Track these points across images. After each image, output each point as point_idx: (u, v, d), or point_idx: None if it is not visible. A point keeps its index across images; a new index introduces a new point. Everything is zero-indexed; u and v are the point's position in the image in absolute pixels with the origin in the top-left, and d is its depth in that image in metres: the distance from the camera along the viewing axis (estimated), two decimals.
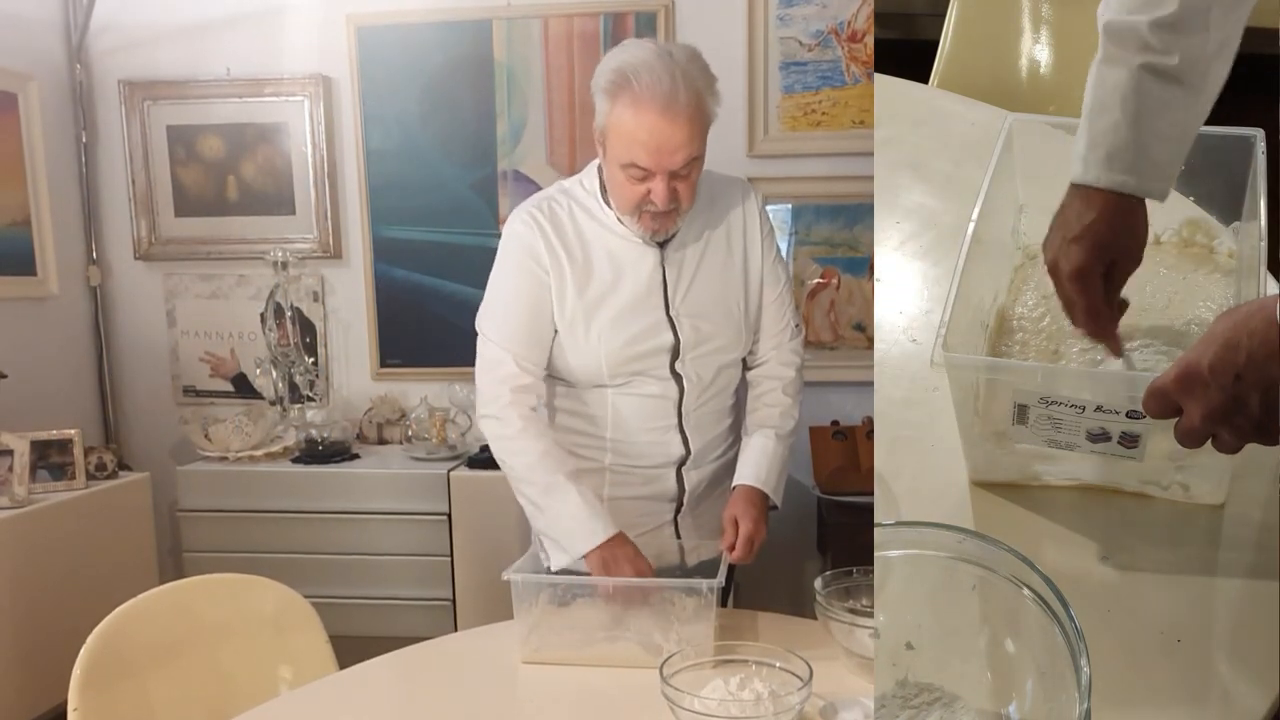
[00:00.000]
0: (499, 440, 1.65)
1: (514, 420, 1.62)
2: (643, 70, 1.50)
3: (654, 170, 1.53)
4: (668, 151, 1.51)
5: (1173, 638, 1.05)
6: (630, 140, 1.51)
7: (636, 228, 1.62)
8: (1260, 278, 1.09)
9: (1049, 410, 1.10)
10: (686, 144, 1.52)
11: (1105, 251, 1.12)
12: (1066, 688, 0.88)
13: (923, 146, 1.66)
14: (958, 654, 1.01)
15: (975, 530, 1.02)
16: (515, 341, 1.65)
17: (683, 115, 1.50)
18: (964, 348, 1.12)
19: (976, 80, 2.00)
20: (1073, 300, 1.13)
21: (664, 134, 1.50)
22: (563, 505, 1.58)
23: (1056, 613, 0.92)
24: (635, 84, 1.49)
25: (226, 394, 3.21)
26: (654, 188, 1.54)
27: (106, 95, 3.14)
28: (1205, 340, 0.92)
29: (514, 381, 1.64)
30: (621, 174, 1.55)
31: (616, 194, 1.60)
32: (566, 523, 1.58)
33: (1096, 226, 1.11)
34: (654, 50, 1.53)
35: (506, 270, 1.68)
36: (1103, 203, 1.12)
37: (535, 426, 1.64)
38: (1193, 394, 0.92)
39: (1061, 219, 1.14)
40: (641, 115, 1.50)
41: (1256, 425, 0.90)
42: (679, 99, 1.49)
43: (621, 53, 1.55)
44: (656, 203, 1.55)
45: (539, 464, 1.61)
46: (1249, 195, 1.25)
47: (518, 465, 1.63)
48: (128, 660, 1.49)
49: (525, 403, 1.64)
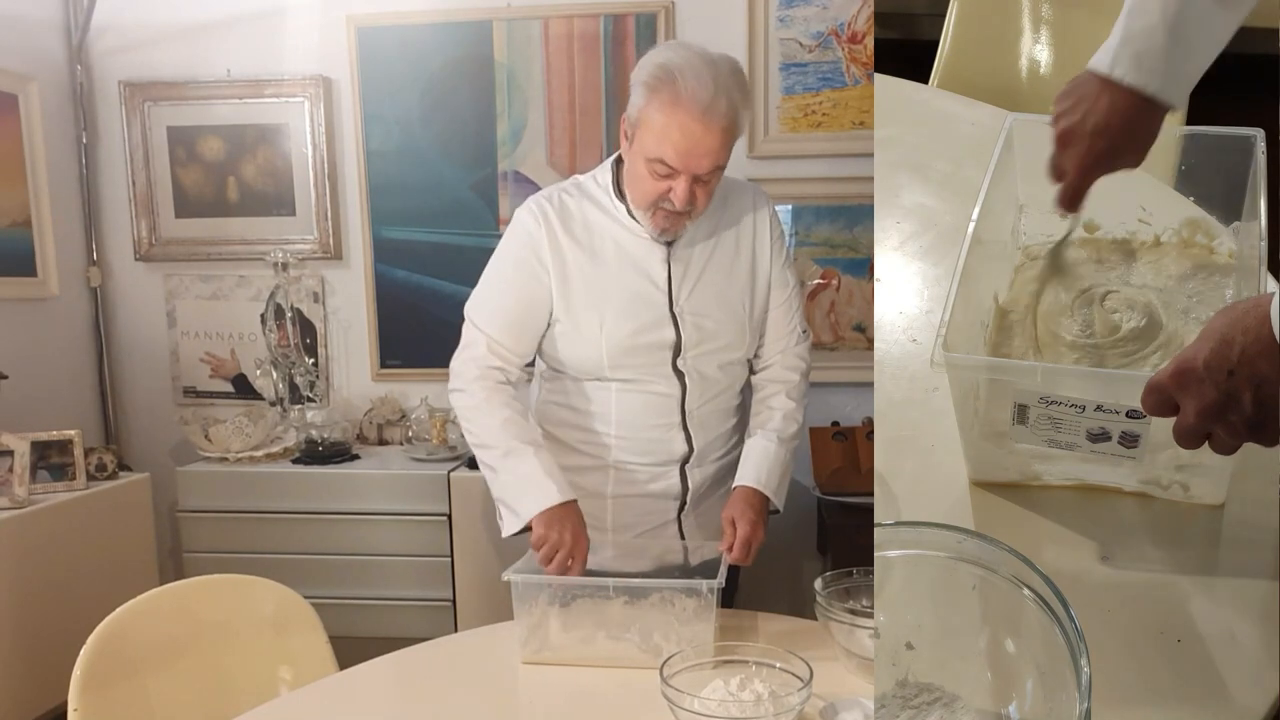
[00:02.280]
0: (463, 410, 1.69)
1: (478, 391, 1.66)
2: (689, 72, 1.51)
3: (680, 170, 1.54)
4: (697, 155, 1.53)
5: (1173, 638, 1.05)
6: (662, 137, 1.53)
7: (648, 224, 1.63)
8: (1260, 277, 1.09)
9: (1049, 410, 1.10)
10: (715, 151, 1.54)
11: (1117, 153, 1.16)
12: (1066, 688, 0.88)
13: (923, 146, 1.66)
14: (958, 654, 1.01)
15: (975, 530, 1.02)
16: (494, 328, 1.68)
17: (718, 123, 1.52)
18: (964, 348, 1.12)
19: (976, 80, 2.00)
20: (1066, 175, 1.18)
21: (697, 137, 1.52)
22: (518, 468, 1.61)
23: (1056, 613, 0.92)
24: (679, 84, 1.51)
25: (227, 395, 3.21)
26: (675, 187, 1.56)
27: (107, 96, 3.15)
28: (1202, 337, 0.92)
29: (483, 361, 1.68)
30: (645, 168, 1.57)
31: (636, 187, 1.61)
32: (519, 486, 1.60)
33: (1116, 126, 1.15)
34: (700, 55, 1.55)
35: (504, 261, 1.71)
36: (1124, 100, 1.15)
37: (500, 397, 1.66)
38: (1188, 390, 0.92)
39: (1076, 96, 1.18)
40: (678, 115, 1.51)
41: (1250, 423, 0.91)
42: (718, 107, 1.51)
43: (668, 51, 1.57)
44: (675, 202, 1.57)
45: (500, 429, 1.64)
46: (1249, 195, 1.25)
47: (478, 430, 1.66)
48: (128, 661, 1.49)
49: (491, 378, 1.67)
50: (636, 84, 1.57)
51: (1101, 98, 1.16)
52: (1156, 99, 1.15)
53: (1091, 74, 1.17)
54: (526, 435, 1.64)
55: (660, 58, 1.55)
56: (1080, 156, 1.17)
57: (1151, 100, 1.15)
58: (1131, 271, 1.33)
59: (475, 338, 1.70)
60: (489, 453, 1.64)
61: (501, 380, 1.68)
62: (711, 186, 1.60)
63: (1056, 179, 1.21)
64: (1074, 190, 1.20)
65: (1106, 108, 1.15)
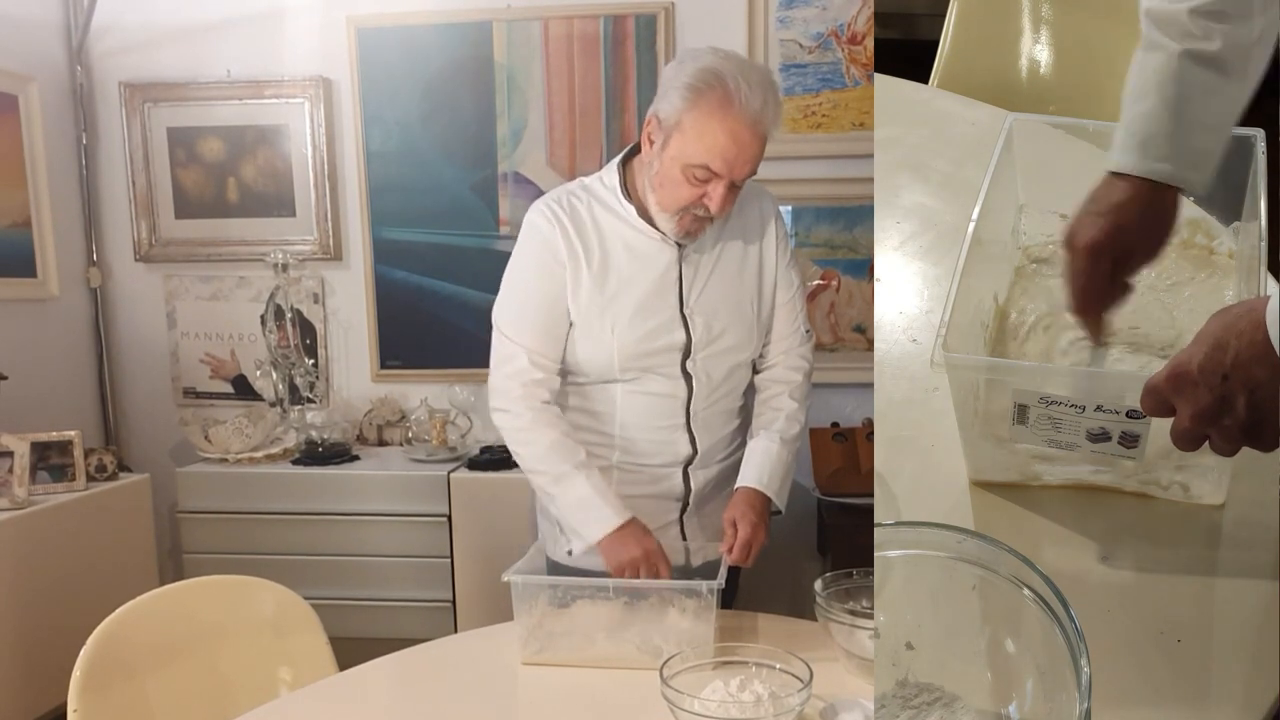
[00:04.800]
0: (510, 432, 1.67)
1: (524, 412, 1.64)
2: (740, 79, 1.51)
3: (723, 176, 1.54)
4: (741, 162, 1.54)
5: (1173, 638, 1.05)
6: (709, 143, 1.52)
7: (672, 227, 1.62)
8: (1260, 278, 1.09)
9: (1049, 410, 1.10)
10: (756, 159, 1.55)
11: (1125, 234, 1.10)
12: (1066, 688, 0.88)
13: (923, 146, 1.66)
14: (958, 654, 1.01)
15: (975, 530, 1.02)
16: (530, 336, 1.66)
17: (762, 131, 1.53)
18: (964, 348, 1.12)
19: (976, 80, 2.00)
20: (1076, 273, 1.11)
21: (745, 144, 1.52)
22: (572, 494, 1.60)
23: (1056, 613, 0.92)
24: (730, 89, 1.50)
25: (226, 395, 3.21)
26: (712, 192, 1.55)
27: (107, 97, 3.15)
28: (1197, 340, 0.92)
29: (526, 376, 1.65)
30: (681, 173, 1.56)
31: (667, 192, 1.59)
32: (578, 512, 1.60)
33: (1124, 208, 1.09)
34: (744, 61, 1.56)
35: (523, 264, 1.69)
36: (1135, 189, 1.10)
37: (546, 417, 1.65)
38: (1183, 393, 0.92)
39: (1092, 197, 1.13)
40: (728, 121, 1.51)
41: (1243, 428, 0.90)
42: (766, 115, 1.52)
43: (711, 56, 1.55)
44: (710, 207, 1.56)
45: (548, 454, 1.63)
46: (1249, 195, 1.25)
47: (527, 455, 1.65)
48: (127, 661, 1.49)
49: (536, 395, 1.65)
50: (675, 86, 1.54)
51: (1113, 190, 1.10)
52: (1169, 185, 1.10)
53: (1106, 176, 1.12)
54: (574, 458, 1.63)
55: (705, 62, 1.54)
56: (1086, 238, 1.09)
57: (1164, 186, 1.10)
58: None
59: (513, 351, 1.66)
60: (540, 478, 1.64)
61: (545, 399, 1.66)
62: (739, 192, 1.60)
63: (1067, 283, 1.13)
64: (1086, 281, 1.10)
65: (1118, 196, 1.10)
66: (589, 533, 1.59)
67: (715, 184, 1.55)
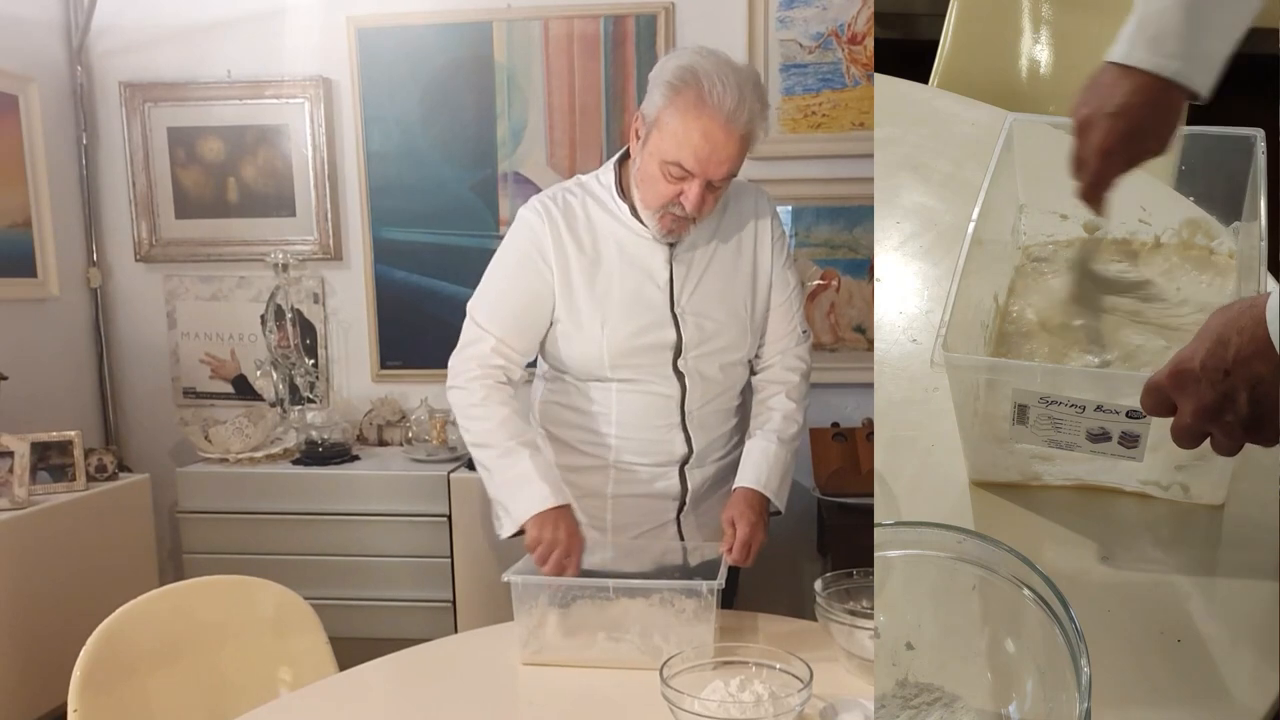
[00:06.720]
0: (462, 408, 1.68)
1: (477, 390, 1.65)
2: (715, 77, 1.51)
3: (696, 175, 1.54)
4: (715, 161, 1.54)
5: (1173, 638, 1.05)
6: (682, 140, 1.53)
7: (655, 226, 1.63)
8: (1260, 278, 1.09)
9: (1049, 410, 1.10)
10: (733, 159, 1.55)
11: (1139, 137, 1.12)
12: (1066, 688, 0.88)
13: (923, 146, 1.66)
14: (958, 654, 1.01)
15: (975, 530, 1.02)
16: (500, 327, 1.67)
17: (738, 131, 1.53)
18: (964, 348, 1.12)
19: (976, 80, 2.00)
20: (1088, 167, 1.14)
21: (718, 143, 1.52)
22: (513, 469, 1.61)
23: (1056, 613, 0.92)
24: (704, 87, 1.51)
25: (227, 396, 3.21)
26: (688, 191, 1.56)
27: (107, 97, 3.15)
28: (1199, 337, 0.92)
29: (486, 360, 1.66)
30: (659, 170, 1.56)
31: (647, 189, 1.61)
32: (513, 487, 1.60)
33: (1135, 110, 1.11)
34: (726, 61, 1.55)
35: (508, 259, 1.70)
36: (1143, 84, 1.11)
37: (499, 395, 1.66)
38: (1185, 390, 0.93)
39: (1094, 88, 1.14)
40: (702, 120, 1.51)
41: (1246, 423, 0.91)
42: (741, 115, 1.52)
43: (692, 55, 1.56)
44: (686, 206, 1.57)
45: (498, 429, 1.63)
46: (1249, 195, 1.25)
47: (476, 430, 1.66)
48: (127, 662, 1.49)
49: (493, 376, 1.66)
50: (657, 83, 1.56)
51: (1120, 84, 1.12)
52: (1176, 82, 1.11)
53: (1109, 65, 1.14)
54: (524, 436, 1.64)
55: (684, 60, 1.54)
56: (1100, 140, 1.13)
57: (1171, 84, 1.11)
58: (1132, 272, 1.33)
59: (479, 336, 1.68)
60: (485, 452, 1.64)
61: (502, 380, 1.67)
62: (720, 193, 1.61)
63: (1077, 172, 1.18)
64: (1096, 178, 1.15)
65: (1126, 92, 1.11)
66: (519, 509, 1.58)
67: (691, 183, 1.55)
